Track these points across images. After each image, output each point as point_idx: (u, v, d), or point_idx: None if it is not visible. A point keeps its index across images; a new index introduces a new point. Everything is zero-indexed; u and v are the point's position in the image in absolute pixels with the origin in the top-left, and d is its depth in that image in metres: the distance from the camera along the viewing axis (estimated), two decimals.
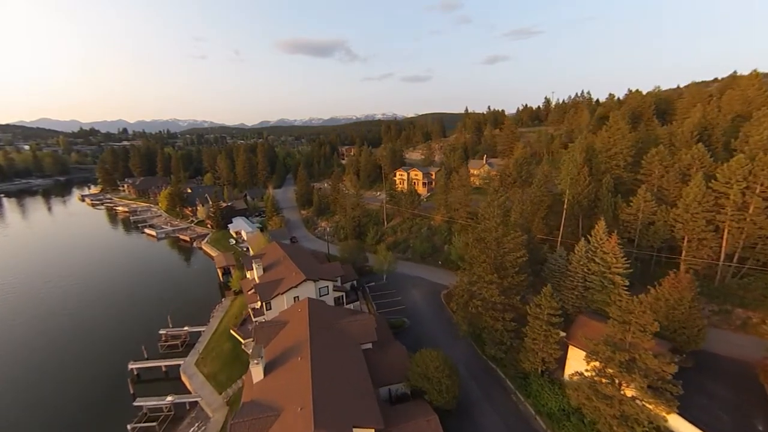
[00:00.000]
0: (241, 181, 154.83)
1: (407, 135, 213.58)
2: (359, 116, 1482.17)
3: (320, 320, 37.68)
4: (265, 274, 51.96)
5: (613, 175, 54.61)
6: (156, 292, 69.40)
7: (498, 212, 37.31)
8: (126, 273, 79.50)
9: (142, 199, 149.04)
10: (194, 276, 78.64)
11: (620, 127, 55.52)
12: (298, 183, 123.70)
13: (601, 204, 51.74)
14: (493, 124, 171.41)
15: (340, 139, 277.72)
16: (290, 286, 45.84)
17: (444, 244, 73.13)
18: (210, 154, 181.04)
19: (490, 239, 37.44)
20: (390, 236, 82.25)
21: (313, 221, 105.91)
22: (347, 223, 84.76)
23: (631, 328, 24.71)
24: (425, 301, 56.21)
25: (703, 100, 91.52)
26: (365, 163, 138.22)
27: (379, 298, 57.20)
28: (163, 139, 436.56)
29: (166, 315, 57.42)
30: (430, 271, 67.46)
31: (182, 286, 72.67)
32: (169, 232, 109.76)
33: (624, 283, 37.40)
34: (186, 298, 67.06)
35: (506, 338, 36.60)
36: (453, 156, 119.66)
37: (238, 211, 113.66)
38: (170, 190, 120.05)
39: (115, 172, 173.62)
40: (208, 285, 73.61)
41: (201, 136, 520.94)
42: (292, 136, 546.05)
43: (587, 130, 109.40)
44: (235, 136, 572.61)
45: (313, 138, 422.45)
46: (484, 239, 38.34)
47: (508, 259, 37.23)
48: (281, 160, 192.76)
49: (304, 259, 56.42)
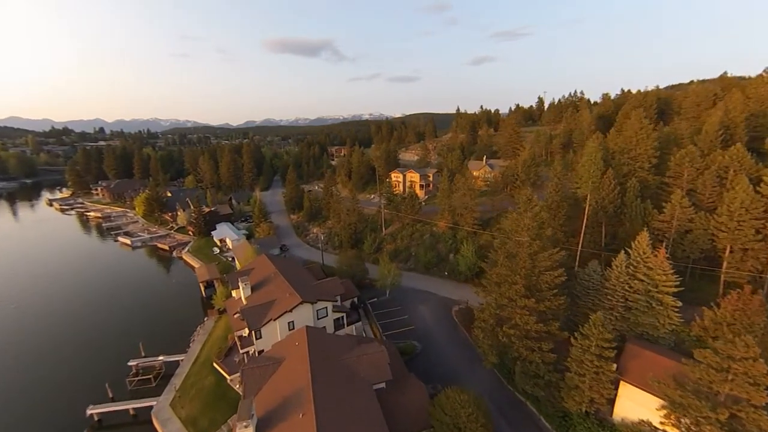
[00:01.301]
0: (226, 184, 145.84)
1: (399, 135, 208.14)
2: (346, 116, 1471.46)
3: (323, 356, 31.32)
4: (253, 294, 45.09)
5: (637, 177, 50.08)
6: (128, 313, 61.15)
7: (532, 224, 31.77)
8: (94, 289, 70.67)
9: (117, 204, 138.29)
10: (173, 291, 70.57)
11: (643, 126, 51.15)
12: (287, 185, 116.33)
13: (627, 210, 47.04)
14: (488, 124, 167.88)
15: (329, 139, 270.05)
16: (284, 311, 39.21)
17: (449, 253, 67.57)
18: (192, 154, 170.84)
19: (523, 256, 31.85)
20: (389, 244, 76.19)
21: (304, 227, 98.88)
22: (342, 230, 78.31)
23: (730, 377, 19.40)
24: (436, 319, 50.41)
25: (707, 100, 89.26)
26: (358, 165, 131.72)
27: (383, 317, 51.08)
28: (143, 139, 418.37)
29: (138, 342, 49.75)
30: (436, 283, 61.77)
31: (159, 304, 64.60)
32: (146, 240, 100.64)
33: (675, 304, 32.44)
34: (163, 319, 59.26)
35: (543, 371, 31.08)
36: (451, 157, 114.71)
37: (222, 216, 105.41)
38: (147, 193, 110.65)
39: (88, 174, 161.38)
40: (189, 302, 65.82)
41: (183, 136, 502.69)
42: (278, 136, 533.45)
43: (589, 130, 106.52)
44: (219, 136, 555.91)
45: (300, 138, 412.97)
46: (515, 256, 32.73)
47: (544, 279, 31.76)
48: (268, 161, 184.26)
49: (298, 276, 49.76)
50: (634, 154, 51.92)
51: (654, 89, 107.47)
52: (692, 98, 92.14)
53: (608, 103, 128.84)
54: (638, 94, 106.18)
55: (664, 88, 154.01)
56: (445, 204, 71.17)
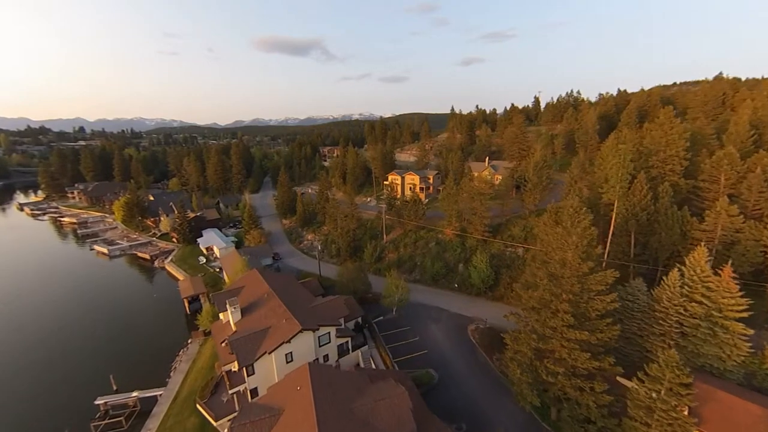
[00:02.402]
0: (213, 187, 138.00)
1: (393, 135, 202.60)
2: (336, 116, 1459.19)
3: (331, 404, 25.56)
4: (244, 318, 38.94)
5: (668, 182, 45.73)
6: (99, 337, 53.93)
7: (581, 242, 26.62)
8: (61, 308, 62.91)
9: (95, 208, 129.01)
10: (153, 308, 63.43)
11: (674, 126, 46.91)
12: (279, 188, 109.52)
13: (661, 218, 42.55)
14: (486, 124, 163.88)
15: (321, 139, 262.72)
16: (281, 341, 33.26)
17: (458, 263, 62.43)
18: (177, 155, 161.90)
19: (570, 279, 26.70)
20: (392, 252, 70.62)
21: (298, 233, 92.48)
22: (340, 237, 72.35)
23: None
24: (451, 341, 45.04)
25: (716, 99, 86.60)
26: (353, 166, 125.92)
27: (391, 340, 45.44)
28: (126, 139, 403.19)
29: (109, 373, 42.96)
30: (446, 297, 56.50)
31: (136, 324, 57.48)
32: (125, 248, 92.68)
33: (746, 332, 27.74)
34: (140, 342, 52.31)
35: (596, 416, 25.99)
36: (451, 158, 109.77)
37: (209, 222, 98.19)
38: (127, 197, 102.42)
39: (63, 176, 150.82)
40: (171, 321, 59.00)
41: (169, 136, 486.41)
42: (267, 136, 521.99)
43: (593, 130, 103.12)
44: (206, 136, 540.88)
45: (290, 138, 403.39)
46: (559, 278, 27.57)
47: (595, 306, 26.65)
48: (258, 162, 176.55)
49: (295, 295, 43.81)
50: (664, 156, 47.61)
51: (657, 88, 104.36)
52: (700, 98, 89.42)
53: (609, 103, 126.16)
54: (642, 93, 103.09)
55: (649, 88, 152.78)
56: (452, 209, 65.96)
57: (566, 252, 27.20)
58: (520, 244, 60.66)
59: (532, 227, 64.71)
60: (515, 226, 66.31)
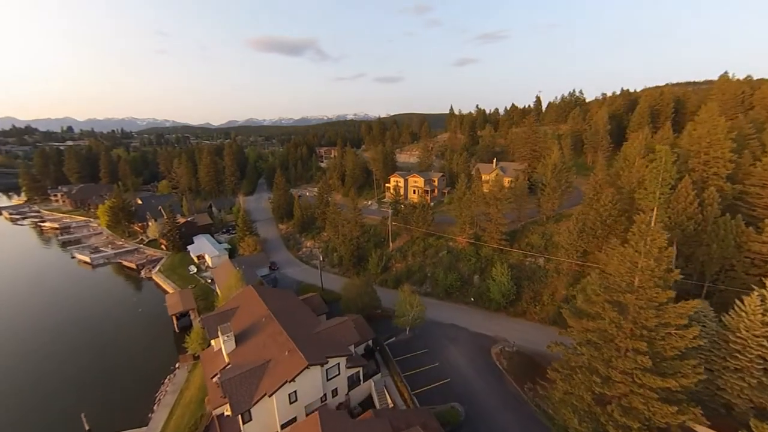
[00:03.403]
0: (206, 189, 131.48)
1: (392, 135, 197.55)
2: (331, 116, 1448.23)
3: None
4: (239, 348, 33.40)
5: (714, 187, 41.16)
6: (74, 362, 47.80)
7: (656, 266, 21.59)
8: (34, 328, 56.33)
9: (79, 212, 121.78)
10: (137, 325, 57.34)
11: (718, 125, 42.41)
12: (276, 191, 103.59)
13: (710, 228, 37.91)
14: (491, 125, 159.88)
15: (317, 139, 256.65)
16: (283, 380, 27.81)
17: (473, 274, 57.41)
18: (167, 156, 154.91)
19: (644, 310, 21.69)
20: (399, 262, 65.36)
21: (296, 239, 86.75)
22: (342, 246, 66.85)
23: None
24: (474, 367, 39.87)
25: (735, 98, 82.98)
26: (352, 167, 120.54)
27: (407, 366, 40.12)
28: (116, 139, 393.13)
29: (81, 411, 37.00)
30: (462, 312, 51.40)
31: (117, 347, 51.38)
32: (109, 256, 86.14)
33: None
34: (120, 369, 46.27)
35: None
36: (457, 159, 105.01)
37: (200, 227, 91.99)
38: (112, 201, 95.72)
39: (46, 178, 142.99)
40: (157, 340, 53.06)
41: (161, 136, 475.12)
42: (262, 136, 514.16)
43: (604, 130, 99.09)
44: (199, 136, 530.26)
45: (285, 138, 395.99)
46: (625, 307, 22.55)
47: (673, 343, 21.66)
48: (252, 163, 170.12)
49: (298, 317, 38.34)
50: (706, 159, 43.07)
51: (669, 86, 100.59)
52: (717, 96, 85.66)
53: (617, 102, 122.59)
54: (654, 90, 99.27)
55: (661, 87, 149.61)
56: (465, 215, 60.91)
57: (637, 277, 22.18)
58: (540, 253, 55.87)
59: (552, 234, 60.19)
60: (533, 233, 61.60)
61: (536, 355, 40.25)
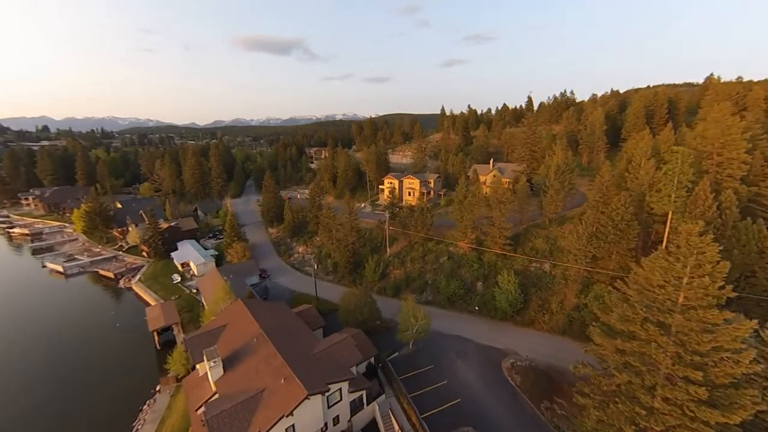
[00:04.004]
0: (191, 192, 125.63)
1: (384, 135, 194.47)
2: (319, 116, 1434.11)
3: None
4: (227, 374, 29.65)
5: (728, 189, 39.50)
6: (38, 390, 42.87)
7: (713, 283, 19.00)
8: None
9: (53, 217, 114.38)
10: (114, 342, 52.55)
11: (732, 124, 40.85)
12: (265, 193, 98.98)
13: (729, 232, 36.10)
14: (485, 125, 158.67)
15: (306, 139, 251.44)
16: (280, 414, 24.31)
17: (476, 280, 54.76)
18: (150, 157, 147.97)
19: (695, 334, 19.12)
20: (397, 269, 62.24)
21: (287, 244, 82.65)
22: (338, 251, 63.28)
23: None
24: (485, 384, 36.99)
25: (730, 99, 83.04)
26: (345, 168, 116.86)
27: (413, 384, 36.95)
28: (96, 139, 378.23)
29: None
30: (466, 322, 48.62)
31: (91, 368, 46.61)
32: (84, 265, 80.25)
33: None
34: (94, 394, 41.71)
35: None
36: (452, 160, 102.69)
37: (185, 232, 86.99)
38: (88, 205, 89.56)
39: (16, 180, 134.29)
40: (136, 359, 48.55)
41: (144, 136, 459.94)
42: (249, 136, 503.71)
43: (600, 130, 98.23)
44: (184, 136, 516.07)
45: (273, 138, 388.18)
46: (668, 328, 19.96)
47: (727, 369, 19.16)
48: (240, 164, 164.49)
49: (293, 335, 34.78)
50: (720, 159, 41.43)
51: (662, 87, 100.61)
52: (712, 97, 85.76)
53: (612, 102, 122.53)
54: (649, 90, 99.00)
55: (654, 87, 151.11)
56: (467, 219, 58.19)
57: (682, 294, 19.62)
58: (546, 258, 53.62)
59: (556, 238, 58.11)
60: (536, 236, 59.35)
61: (550, 370, 37.76)
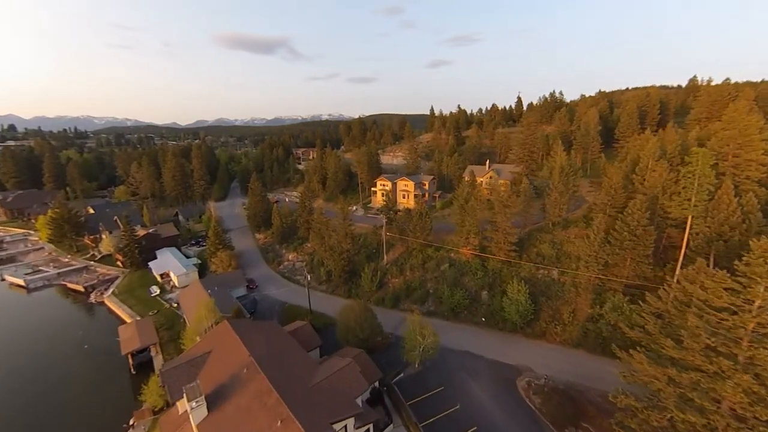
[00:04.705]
0: (171, 195, 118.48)
1: (373, 135, 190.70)
2: (305, 116, 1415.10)
3: None
4: (213, 416, 25.25)
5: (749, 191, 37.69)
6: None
7: None
8: None
9: (16, 224, 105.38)
10: (81, 369, 46.72)
11: (750, 125, 39.13)
12: (251, 196, 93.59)
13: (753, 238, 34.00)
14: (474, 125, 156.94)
15: (293, 139, 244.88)
16: None
17: (480, 289, 51.66)
18: (126, 158, 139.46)
19: None
20: (395, 277, 58.55)
21: (276, 251, 77.67)
22: (331, 261, 58.98)
23: None
24: (501, 407, 33.68)
25: (722, 100, 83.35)
26: (335, 170, 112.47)
27: (423, 410, 33.27)
28: (68, 139, 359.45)
29: None
30: (473, 335, 45.45)
31: (51, 400, 40.93)
32: (50, 277, 73.16)
33: None
34: None
35: None
36: (447, 161, 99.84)
37: (165, 240, 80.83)
38: (55, 211, 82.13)
39: None
40: (106, 388, 43.01)
41: (121, 136, 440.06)
42: (233, 136, 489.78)
43: (595, 131, 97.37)
44: (165, 136, 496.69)
45: (258, 139, 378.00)
46: (735, 357, 16.99)
47: None
48: (224, 165, 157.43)
49: (289, 363, 30.59)
50: (737, 161, 39.64)
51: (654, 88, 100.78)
52: (704, 98, 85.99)
53: (602, 103, 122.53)
54: (639, 91, 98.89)
55: (646, 88, 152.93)
56: (469, 223, 55.10)
57: (755, 318, 16.71)
58: (554, 265, 51.08)
59: (562, 243, 55.74)
60: (541, 241, 56.80)
61: (571, 389, 34.87)
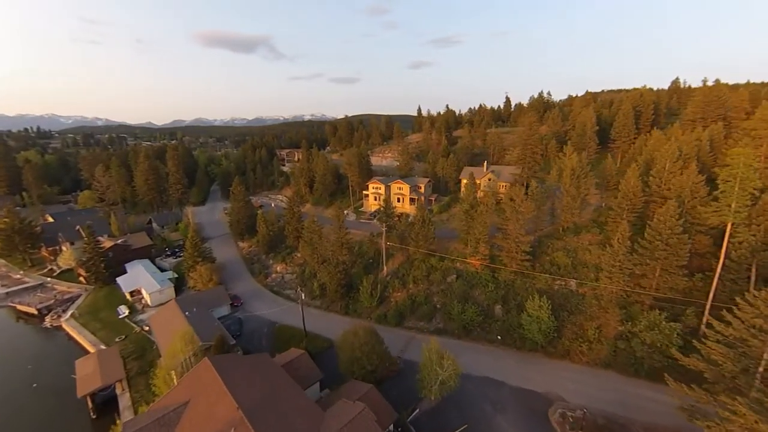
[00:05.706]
0: (144, 200, 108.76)
1: (361, 136, 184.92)
2: (287, 117, 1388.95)
3: None
4: None
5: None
6: None
7: None
8: None
9: None
10: (26, 415, 39.08)
11: None
12: (233, 201, 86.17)
13: None
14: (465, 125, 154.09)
15: (276, 140, 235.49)
16: None
17: (493, 303, 47.17)
18: (91, 160, 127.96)
19: None
20: (398, 290, 53.32)
21: (262, 262, 70.89)
22: (326, 273, 53.09)
23: None
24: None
25: (717, 102, 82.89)
26: (323, 173, 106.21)
27: None
28: (29, 139, 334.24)
29: None
30: (490, 356, 40.93)
31: None
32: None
33: None
34: None
35: None
36: (443, 163, 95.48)
37: (136, 251, 72.51)
38: (2, 221, 72.08)
39: None
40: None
41: (89, 136, 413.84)
42: (213, 137, 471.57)
43: (592, 131, 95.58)
44: (139, 136, 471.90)
45: (239, 139, 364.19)
46: None
47: None
48: (203, 167, 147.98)
49: (287, 416, 24.82)
50: None
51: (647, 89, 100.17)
52: (699, 99, 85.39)
53: (598, 102, 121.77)
54: (634, 92, 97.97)
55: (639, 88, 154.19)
56: (477, 231, 50.52)
57: None
58: (572, 276, 47.22)
59: (576, 250, 52.09)
60: (554, 249, 52.89)
61: (612, 423, 30.64)
